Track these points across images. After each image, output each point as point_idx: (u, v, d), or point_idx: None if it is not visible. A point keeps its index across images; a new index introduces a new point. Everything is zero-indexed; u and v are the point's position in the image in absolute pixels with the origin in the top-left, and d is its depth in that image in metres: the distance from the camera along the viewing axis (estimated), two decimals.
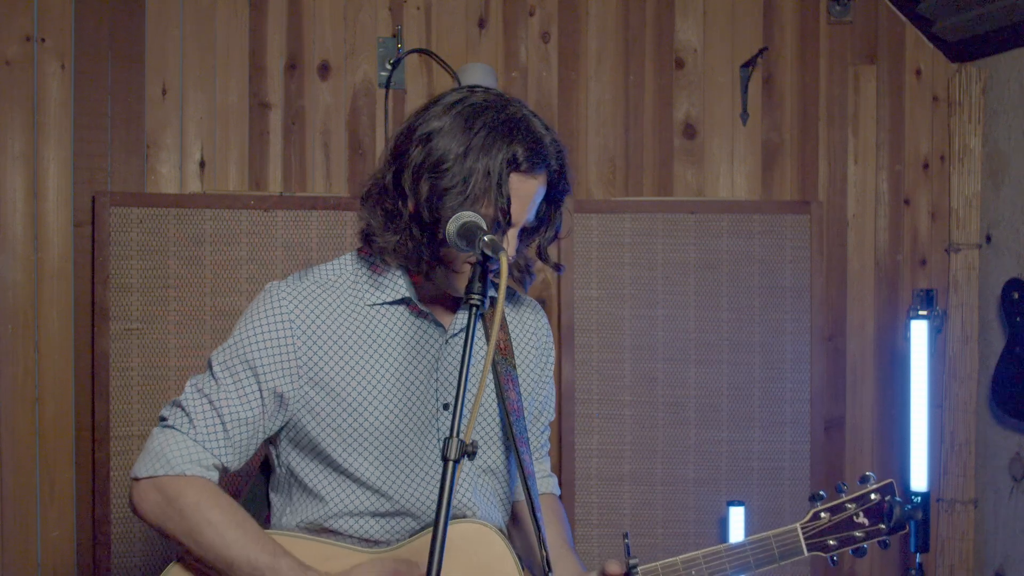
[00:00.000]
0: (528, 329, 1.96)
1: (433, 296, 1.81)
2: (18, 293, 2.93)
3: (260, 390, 1.74)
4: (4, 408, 2.92)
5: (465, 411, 1.50)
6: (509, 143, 1.65)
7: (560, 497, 2.06)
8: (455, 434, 1.47)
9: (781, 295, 3.29)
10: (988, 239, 3.36)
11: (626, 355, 3.26)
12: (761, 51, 3.34)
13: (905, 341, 3.28)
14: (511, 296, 1.96)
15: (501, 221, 1.66)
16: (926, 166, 3.45)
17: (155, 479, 1.72)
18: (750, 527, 3.08)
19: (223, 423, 1.74)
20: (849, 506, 1.82)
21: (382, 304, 1.78)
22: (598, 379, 3.25)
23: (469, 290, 1.55)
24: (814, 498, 1.83)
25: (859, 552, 1.82)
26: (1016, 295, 3.16)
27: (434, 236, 1.68)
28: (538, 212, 1.76)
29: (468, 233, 1.59)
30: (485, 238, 1.55)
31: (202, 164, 3.07)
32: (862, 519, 1.82)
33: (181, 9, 3.05)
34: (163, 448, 1.73)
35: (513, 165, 1.65)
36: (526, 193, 1.68)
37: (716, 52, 3.36)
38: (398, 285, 1.78)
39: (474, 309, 1.54)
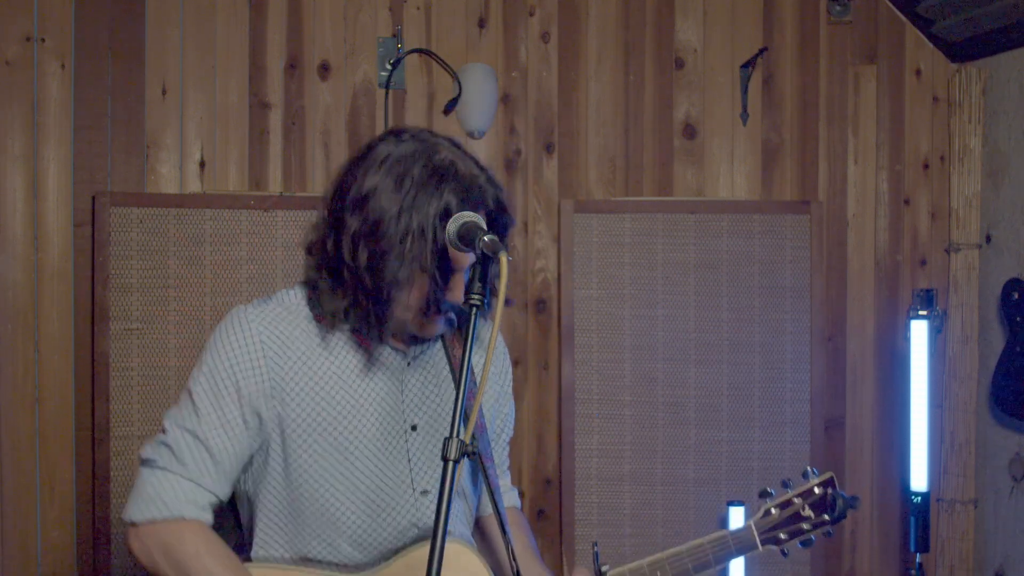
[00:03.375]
0: (485, 347, 1.95)
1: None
2: (18, 293, 2.93)
3: (242, 411, 1.73)
4: (4, 408, 2.92)
5: (461, 411, 1.50)
6: (440, 196, 1.64)
7: (521, 509, 2.12)
8: (455, 434, 1.48)
9: (781, 295, 3.29)
10: (988, 239, 3.36)
11: (626, 355, 3.26)
12: (761, 51, 3.34)
13: (905, 341, 3.28)
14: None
15: (438, 278, 1.66)
16: (926, 166, 3.45)
17: (154, 524, 1.70)
18: None
19: (211, 455, 1.72)
20: (796, 501, 1.96)
21: (340, 329, 1.77)
22: (598, 379, 3.25)
23: (469, 290, 1.56)
24: (763, 495, 1.97)
25: (806, 543, 1.96)
26: (1016, 295, 3.16)
27: (379, 300, 1.67)
28: None
29: (468, 233, 1.59)
30: (485, 238, 1.55)
31: (202, 164, 3.07)
32: (808, 512, 1.96)
33: (181, 9, 3.05)
34: (158, 491, 1.71)
35: (446, 218, 1.63)
36: None
37: (716, 52, 3.36)
38: (345, 344, 1.78)
39: (475, 309, 1.54)
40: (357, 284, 1.68)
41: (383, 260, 1.64)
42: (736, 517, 3.05)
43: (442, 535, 1.44)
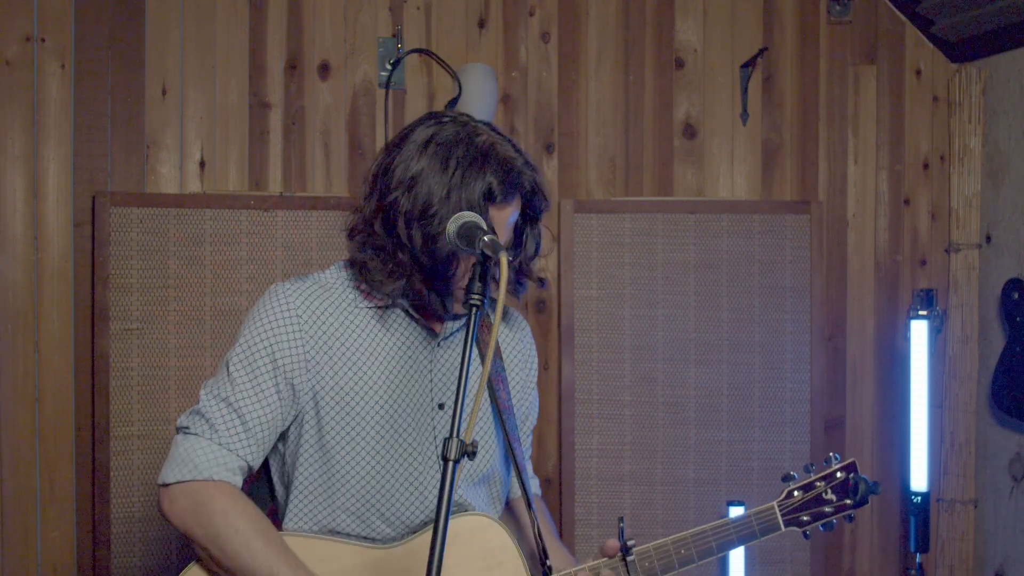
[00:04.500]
0: (515, 336, 2.03)
1: (423, 306, 1.85)
2: (18, 293, 2.93)
3: (276, 382, 1.78)
4: (4, 408, 2.92)
5: (464, 411, 1.51)
6: (484, 177, 1.72)
7: (541, 496, 2.15)
8: (455, 434, 1.49)
9: (781, 295, 3.29)
10: (988, 239, 3.36)
11: (626, 355, 3.26)
12: (761, 51, 3.34)
13: (905, 341, 3.29)
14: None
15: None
16: (926, 166, 3.45)
17: (184, 484, 1.75)
18: None
19: (243, 422, 1.77)
20: (818, 484, 1.98)
21: (376, 307, 1.84)
22: (598, 379, 3.25)
23: (469, 290, 1.58)
24: (786, 478, 1.99)
25: (828, 526, 1.98)
26: (1016, 295, 3.16)
27: (435, 276, 1.75)
28: (517, 228, 1.85)
29: (468, 233, 1.62)
30: (485, 238, 1.58)
31: (202, 164, 3.07)
32: (830, 495, 1.98)
33: (181, 9, 3.05)
34: (189, 454, 1.76)
35: (489, 198, 1.73)
36: (502, 220, 1.77)
37: (716, 52, 3.36)
38: (379, 323, 1.84)
39: (474, 309, 1.56)
40: (414, 264, 1.75)
41: (437, 239, 1.71)
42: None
43: (442, 535, 1.45)
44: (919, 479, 3.21)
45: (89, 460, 2.95)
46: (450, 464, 1.48)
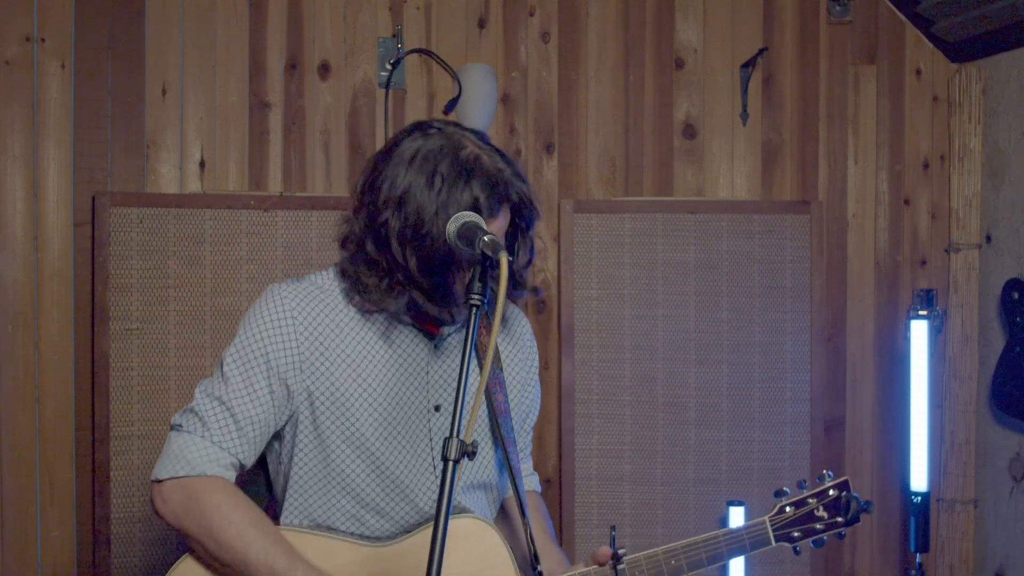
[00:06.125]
0: (513, 334, 2.03)
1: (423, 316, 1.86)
2: (18, 293, 2.93)
3: (270, 382, 1.79)
4: (4, 408, 2.92)
5: (464, 412, 1.52)
6: (470, 191, 1.71)
7: (541, 494, 2.15)
8: (455, 434, 1.49)
9: (781, 295, 3.29)
10: (988, 239, 3.36)
11: (626, 355, 3.26)
12: (761, 51, 3.34)
13: (905, 341, 3.29)
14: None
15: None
16: (926, 166, 3.45)
17: (178, 480, 1.77)
18: None
19: (236, 421, 1.79)
20: (810, 501, 1.99)
21: (370, 312, 1.84)
22: (598, 379, 3.25)
23: (469, 290, 1.59)
24: (779, 494, 2.00)
25: (818, 543, 2.01)
26: (1016, 295, 3.16)
27: (435, 290, 1.75)
28: (509, 240, 1.85)
29: (468, 233, 1.63)
30: (485, 238, 1.59)
31: (202, 164, 3.07)
32: (822, 512, 1.99)
33: (181, 9, 3.05)
34: (182, 451, 1.78)
35: (476, 212, 1.71)
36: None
37: (716, 52, 3.36)
38: (374, 326, 1.85)
39: (474, 309, 1.56)
40: (411, 282, 1.75)
41: (433, 258, 1.72)
42: (736, 517, 3.04)
43: (442, 535, 1.45)
44: (919, 479, 3.21)
45: (89, 460, 2.95)
46: (450, 464, 1.48)
